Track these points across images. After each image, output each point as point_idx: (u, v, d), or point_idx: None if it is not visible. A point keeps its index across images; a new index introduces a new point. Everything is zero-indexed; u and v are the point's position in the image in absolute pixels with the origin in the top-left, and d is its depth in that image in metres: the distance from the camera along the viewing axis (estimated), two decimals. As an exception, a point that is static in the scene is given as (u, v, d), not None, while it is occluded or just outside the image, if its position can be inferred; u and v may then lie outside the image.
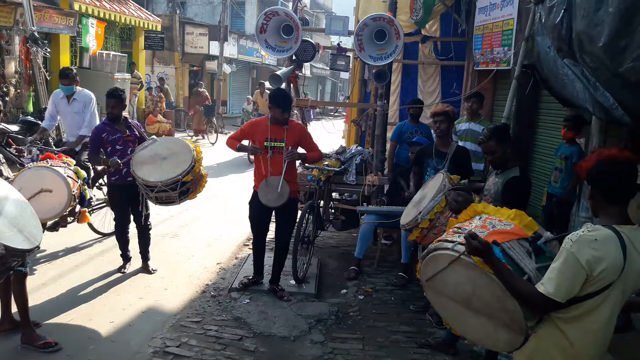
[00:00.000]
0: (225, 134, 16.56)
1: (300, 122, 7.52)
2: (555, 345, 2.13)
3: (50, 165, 4.43)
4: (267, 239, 5.13)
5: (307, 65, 8.09)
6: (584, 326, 2.07)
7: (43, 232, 3.42)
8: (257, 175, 4.82)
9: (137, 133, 5.13)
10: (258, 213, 4.85)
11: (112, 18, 13.92)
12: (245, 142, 5.05)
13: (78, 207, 4.73)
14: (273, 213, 4.96)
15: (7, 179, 3.96)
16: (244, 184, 9.73)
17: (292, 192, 4.74)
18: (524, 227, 2.44)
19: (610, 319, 2.09)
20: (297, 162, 5.02)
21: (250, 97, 19.09)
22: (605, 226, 2.06)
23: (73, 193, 4.33)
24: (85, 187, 4.61)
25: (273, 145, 4.66)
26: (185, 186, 4.71)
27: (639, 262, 2.06)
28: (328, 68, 8.60)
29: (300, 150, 4.91)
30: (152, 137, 5.31)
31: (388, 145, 6.53)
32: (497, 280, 2.16)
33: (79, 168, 4.63)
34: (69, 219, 5.04)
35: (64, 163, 4.52)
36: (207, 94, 18.70)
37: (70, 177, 4.41)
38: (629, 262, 2.01)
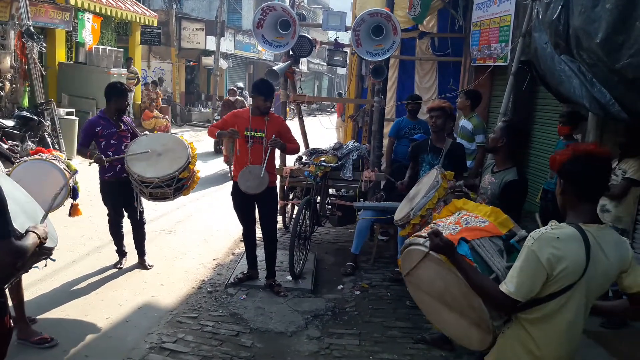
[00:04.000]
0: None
1: (297, 117, 7.53)
2: (522, 346, 2.09)
3: (45, 158, 4.41)
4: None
5: (304, 60, 8.08)
6: (548, 328, 2.03)
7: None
8: (236, 166, 4.84)
9: (129, 128, 5.11)
10: (240, 203, 4.88)
11: (108, 13, 13.85)
12: None
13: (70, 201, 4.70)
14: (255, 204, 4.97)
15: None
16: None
17: (270, 181, 4.76)
18: (499, 225, 2.40)
19: (573, 321, 2.02)
20: (294, 157, 4.99)
21: (246, 92, 19.05)
22: (571, 224, 2.00)
23: (70, 185, 4.32)
24: (77, 180, 4.60)
25: (253, 135, 4.68)
26: (180, 183, 4.70)
27: (605, 263, 1.99)
28: (325, 64, 8.58)
29: None
30: (144, 132, 5.29)
31: (386, 141, 6.53)
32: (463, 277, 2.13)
33: (69, 162, 4.61)
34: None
35: (55, 157, 4.50)
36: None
37: (65, 169, 4.39)
38: (593, 262, 1.95)
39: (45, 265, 3.40)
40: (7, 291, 3.74)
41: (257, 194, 4.66)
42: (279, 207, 5.84)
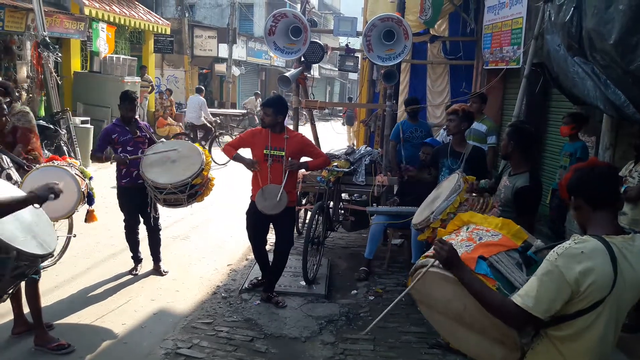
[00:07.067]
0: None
1: (309, 122, 7.55)
2: None
3: (57, 165, 4.45)
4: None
5: (315, 66, 8.11)
6: (579, 346, 1.96)
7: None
8: (254, 184, 4.73)
9: (146, 134, 5.16)
10: (254, 223, 4.78)
11: (122, 22, 14.02)
12: (242, 151, 4.93)
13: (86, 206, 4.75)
14: (270, 224, 4.89)
15: (15, 182, 3.97)
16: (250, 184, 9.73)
17: (290, 201, 4.64)
18: (513, 237, 2.32)
19: (604, 336, 1.95)
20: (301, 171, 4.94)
21: (261, 99, 19.22)
22: (594, 236, 1.92)
23: (82, 190, 4.37)
24: (93, 186, 4.65)
25: (273, 154, 4.59)
26: (194, 189, 4.73)
27: (632, 274, 1.92)
28: (336, 69, 8.60)
29: (304, 159, 4.85)
30: (161, 139, 5.34)
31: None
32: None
33: (84, 168, 4.67)
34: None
35: (69, 164, 4.55)
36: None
37: (78, 175, 4.44)
38: (621, 275, 1.87)
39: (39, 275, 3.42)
40: (23, 299, 3.80)
41: (276, 214, 4.56)
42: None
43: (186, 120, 13.69)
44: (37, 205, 2.89)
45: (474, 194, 3.76)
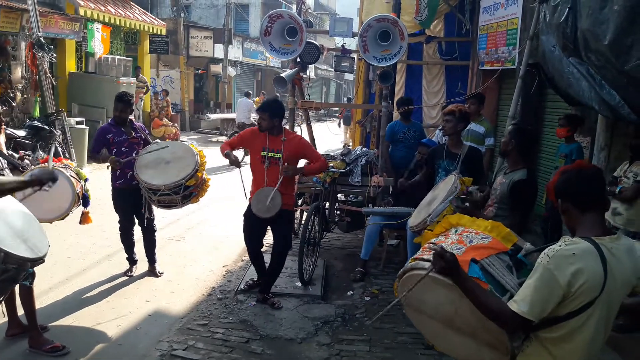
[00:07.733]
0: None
1: (305, 123, 7.54)
2: None
3: (52, 166, 4.44)
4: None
5: (311, 67, 8.11)
6: (570, 347, 1.97)
7: None
8: (253, 186, 4.74)
9: (142, 135, 5.14)
10: (251, 225, 4.77)
11: (117, 22, 13.99)
12: (240, 150, 4.90)
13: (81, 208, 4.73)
14: (268, 227, 4.89)
15: None
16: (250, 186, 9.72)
17: (286, 204, 4.60)
18: (502, 240, 2.33)
19: (595, 336, 1.97)
20: (303, 162, 4.94)
21: (255, 99, 19.18)
22: (584, 238, 1.95)
23: (77, 192, 4.35)
24: (88, 188, 4.63)
25: (270, 156, 4.58)
26: (188, 190, 4.71)
27: (623, 273, 1.95)
28: (332, 70, 8.60)
29: (303, 162, 4.85)
30: (156, 140, 5.32)
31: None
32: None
33: (79, 169, 4.64)
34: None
35: (65, 165, 4.53)
36: None
37: (73, 177, 4.42)
38: (611, 274, 1.90)
39: (29, 281, 3.40)
40: (17, 300, 3.78)
41: (270, 217, 4.54)
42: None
43: (237, 121, 15.89)
44: (36, 188, 2.85)
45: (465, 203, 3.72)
